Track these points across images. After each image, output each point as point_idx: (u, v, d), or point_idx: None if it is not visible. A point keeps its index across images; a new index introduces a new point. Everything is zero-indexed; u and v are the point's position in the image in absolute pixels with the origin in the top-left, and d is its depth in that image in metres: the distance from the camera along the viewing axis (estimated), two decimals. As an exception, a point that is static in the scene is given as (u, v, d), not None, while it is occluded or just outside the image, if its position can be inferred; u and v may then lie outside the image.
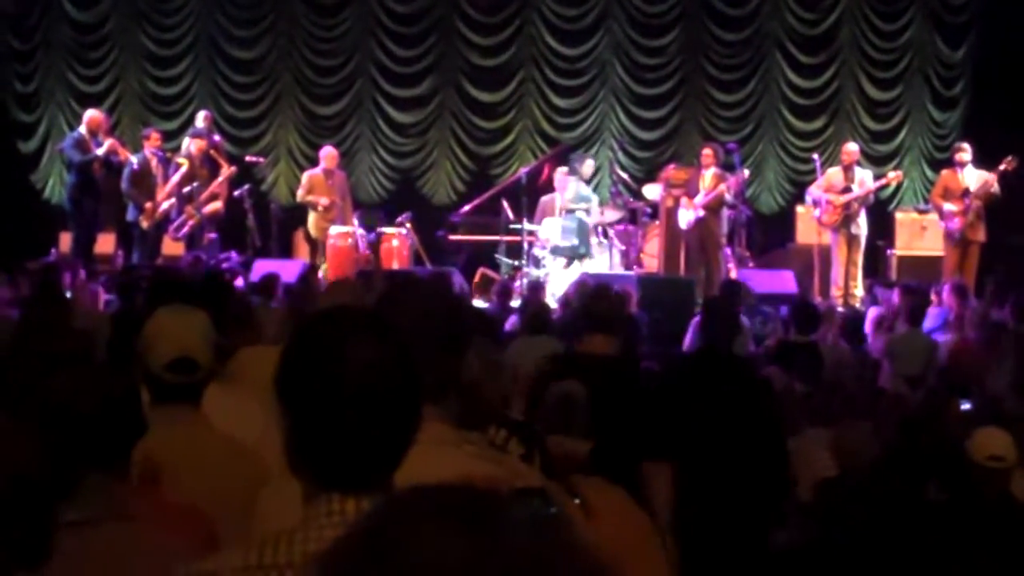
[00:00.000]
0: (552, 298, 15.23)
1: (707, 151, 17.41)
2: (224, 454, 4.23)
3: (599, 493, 4.22)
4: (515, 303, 14.40)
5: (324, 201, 17.59)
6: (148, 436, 3.68)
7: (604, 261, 17.21)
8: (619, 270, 17.07)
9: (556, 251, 17.00)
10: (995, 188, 16.62)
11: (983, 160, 16.92)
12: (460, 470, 3.21)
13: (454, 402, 3.41)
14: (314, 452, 2.51)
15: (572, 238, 16.97)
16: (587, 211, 17.37)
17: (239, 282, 14.09)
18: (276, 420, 2.57)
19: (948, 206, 16.73)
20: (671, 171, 18.01)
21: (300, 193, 17.93)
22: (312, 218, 17.79)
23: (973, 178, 16.70)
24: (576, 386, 5.31)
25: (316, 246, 17.67)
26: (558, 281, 16.30)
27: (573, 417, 5.17)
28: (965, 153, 16.87)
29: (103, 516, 3.38)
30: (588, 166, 18.57)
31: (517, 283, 16.43)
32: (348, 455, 2.49)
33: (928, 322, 13.03)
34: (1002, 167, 16.59)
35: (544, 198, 17.75)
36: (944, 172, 17.45)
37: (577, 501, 3.88)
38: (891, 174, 18.04)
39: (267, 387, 2.58)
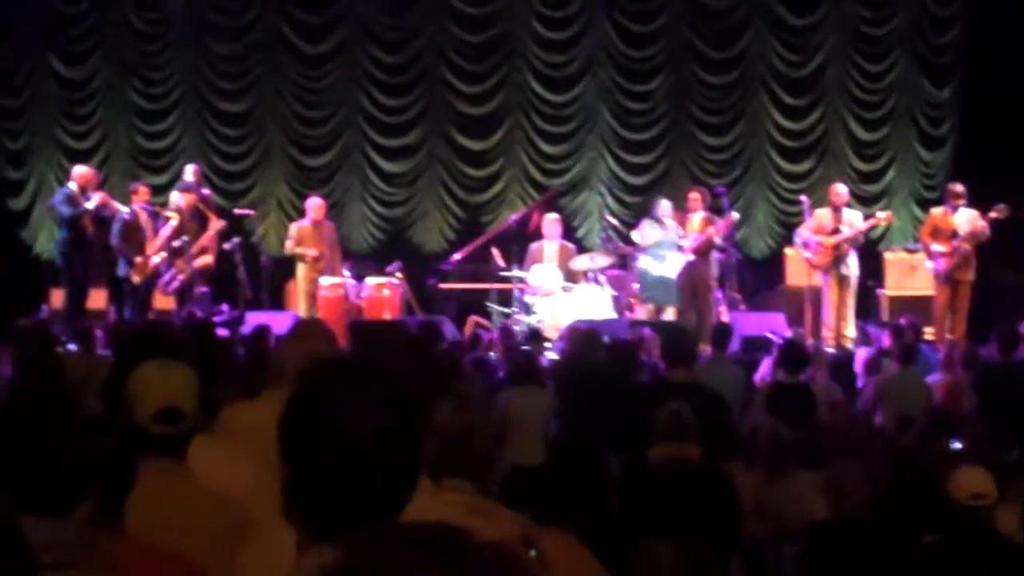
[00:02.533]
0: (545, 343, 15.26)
1: (694, 195, 17.49)
2: (208, 506, 4.23)
3: (555, 544, 4.22)
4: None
5: (312, 252, 17.60)
6: (134, 488, 3.70)
7: (595, 306, 17.15)
8: (611, 315, 17.05)
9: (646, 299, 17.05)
10: (986, 233, 16.63)
11: (972, 200, 16.94)
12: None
13: (429, 451, 3.43)
14: (312, 503, 2.53)
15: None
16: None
17: (225, 333, 14.08)
18: (275, 468, 2.58)
19: (936, 246, 16.75)
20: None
21: (288, 245, 17.94)
22: (301, 270, 17.81)
23: (964, 219, 16.71)
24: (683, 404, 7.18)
25: (307, 298, 17.69)
26: (550, 326, 16.32)
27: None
28: (959, 194, 16.88)
29: (85, 562, 3.38)
30: (664, 207, 17.62)
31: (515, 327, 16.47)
32: (347, 508, 2.51)
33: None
34: (993, 215, 16.58)
35: (533, 245, 17.76)
36: (934, 211, 17.45)
37: (533, 552, 3.87)
38: (880, 214, 18.06)
39: (257, 439, 2.59)
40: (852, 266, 16.97)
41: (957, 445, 8.74)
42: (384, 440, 2.51)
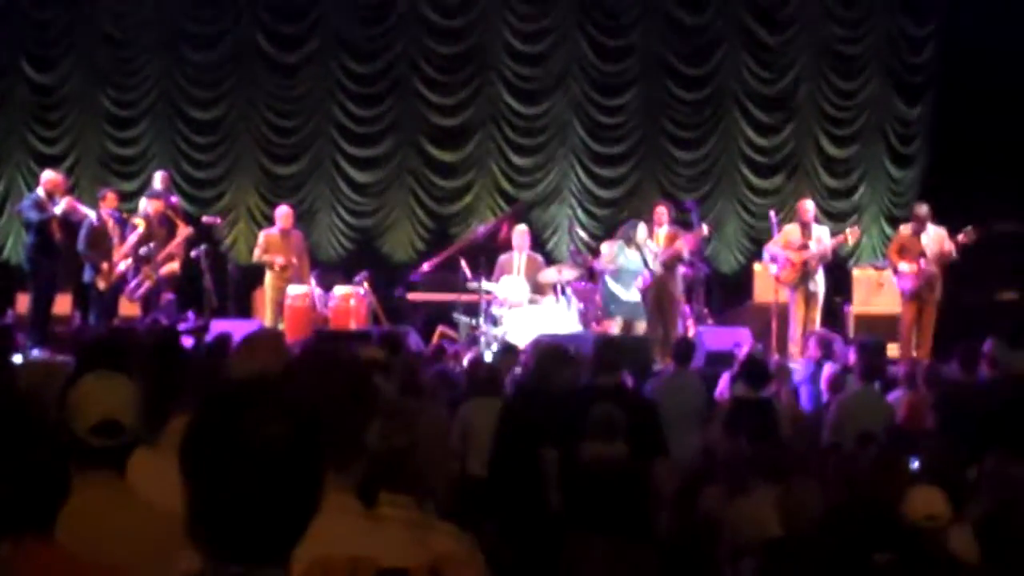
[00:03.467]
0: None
1: (660, 208, 17.48)
2: (144, 518, 4.18)
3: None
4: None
5: (280, 260, 17.55)
6: (69, 499, 3.65)
7: (562, 319, 17.11)
8: (578, 328, 17.01)
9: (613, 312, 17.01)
10: (953, 256, 16.67)
11: (940, 218, 16.96)
12: (358, 541, 3.20)
13: (359, 468, 3.40)
14: (213, 524, 2.50)
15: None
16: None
17: (189, 341, 14.00)
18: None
19: (903, 265, 16.77)
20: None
21: (256, 252, 17.89)
22: (269, 278, 17.76)
23: (932, 239, 16.73)
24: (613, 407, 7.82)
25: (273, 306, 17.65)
26: (517, 338, 16.26)
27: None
28: (924, 217, 16.89)
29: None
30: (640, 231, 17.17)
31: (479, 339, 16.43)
32: (246, 528, 2.49)
33: (799, 375, 13.17)
34: (960, 238, 16.61)
35: (502, 256, 17.73)
36: (902, 229, 17.46)
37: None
38: (849, 230, 18.01)
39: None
40: (819, 283, 17.00)
41: (916, 463, 8.73)
42: (281, 446, 2.49)
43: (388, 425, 4.02)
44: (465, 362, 13.98)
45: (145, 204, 17.28)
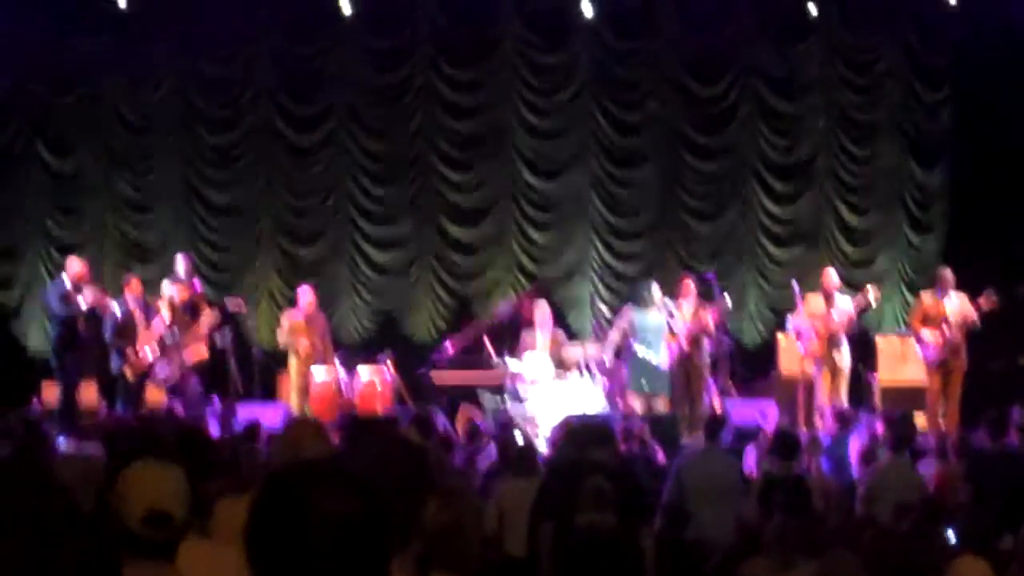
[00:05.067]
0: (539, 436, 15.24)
1: (687, 282, 17.46)
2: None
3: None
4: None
5: (304, 343, 17.60)
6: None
7: (587, 396, 17.03)
8: (602, 403, 16.94)
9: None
10: (975, 323, 16.64)
11: (963, 283, 16.97)
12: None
13: (416, 550, 3.43)
14: None
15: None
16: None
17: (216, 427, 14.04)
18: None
19: (926, 333, 16.75)
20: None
21: (280, 336, 17.94)
22: (293, 362, 17.80)
23: (955, 305, 16.72)
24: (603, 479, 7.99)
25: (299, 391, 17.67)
26: (544, 418, 16.22)
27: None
28: (948, 281, 16.89)
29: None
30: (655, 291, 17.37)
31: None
32: None
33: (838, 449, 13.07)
34: (982, 303, 16.59)
35: (524, 334, 17.73)
36: (924, 295, 17.44)
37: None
38: (868, 288, 17.79)
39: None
40: (844, 354, 16.98)
41: (951, 535, 8.72)
42: (351, 529, 2.47)
43: (441, 504, 4.06)
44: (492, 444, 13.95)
45: (169, 289, 17.28)
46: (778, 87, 21.58)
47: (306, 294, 18.13)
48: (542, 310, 17.83)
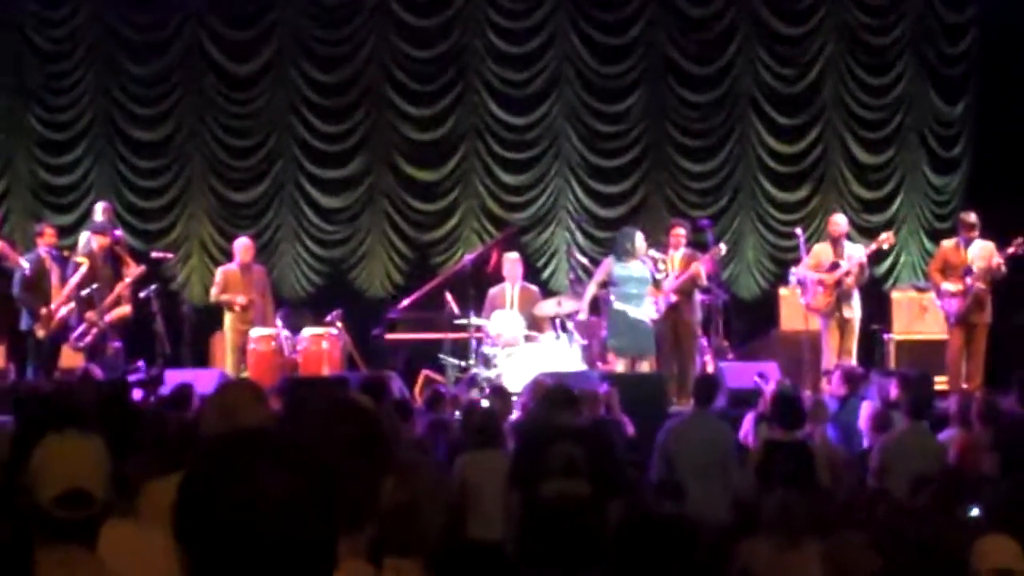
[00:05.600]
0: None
1: (678, 230, 17.46)
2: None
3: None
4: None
5: (241, 300, 17.59)
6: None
7: (563, 357, 17.08)
8: (581, 366, 17.00)
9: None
10: (1002, 271, 16.67)
11: (987, 228, 17.00)
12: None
13: (369, 531, 3.44)
14: None
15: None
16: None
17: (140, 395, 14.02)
18: (176, 561, 2.56)
19: (947, 285, 16.78)
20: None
21: (214, 292, 17.92)
22: (228, 320, 17.79)
23: (978, 253, 16.75)
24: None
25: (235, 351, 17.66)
26: (513, 381, 16.25)
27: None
28: (972, 225, 16.92)
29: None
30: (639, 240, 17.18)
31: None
32: None
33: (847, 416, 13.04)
34: (1011, 250, 16.63)
35: (493, 289, 17.75)
36: (944, 244, 17.49)
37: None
38: (882, 236, 17.95)
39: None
40: (855, 308, 16.99)
41: (975, 511, 8.76)
42: (290, 516, 2.46)
43: (396, 481, 4.06)
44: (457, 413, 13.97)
45: (87, 239, 17.20)
46: (780, 6, 21.58)
47: (243, 244, 18.10)
48: (512, 262, 17.85)
